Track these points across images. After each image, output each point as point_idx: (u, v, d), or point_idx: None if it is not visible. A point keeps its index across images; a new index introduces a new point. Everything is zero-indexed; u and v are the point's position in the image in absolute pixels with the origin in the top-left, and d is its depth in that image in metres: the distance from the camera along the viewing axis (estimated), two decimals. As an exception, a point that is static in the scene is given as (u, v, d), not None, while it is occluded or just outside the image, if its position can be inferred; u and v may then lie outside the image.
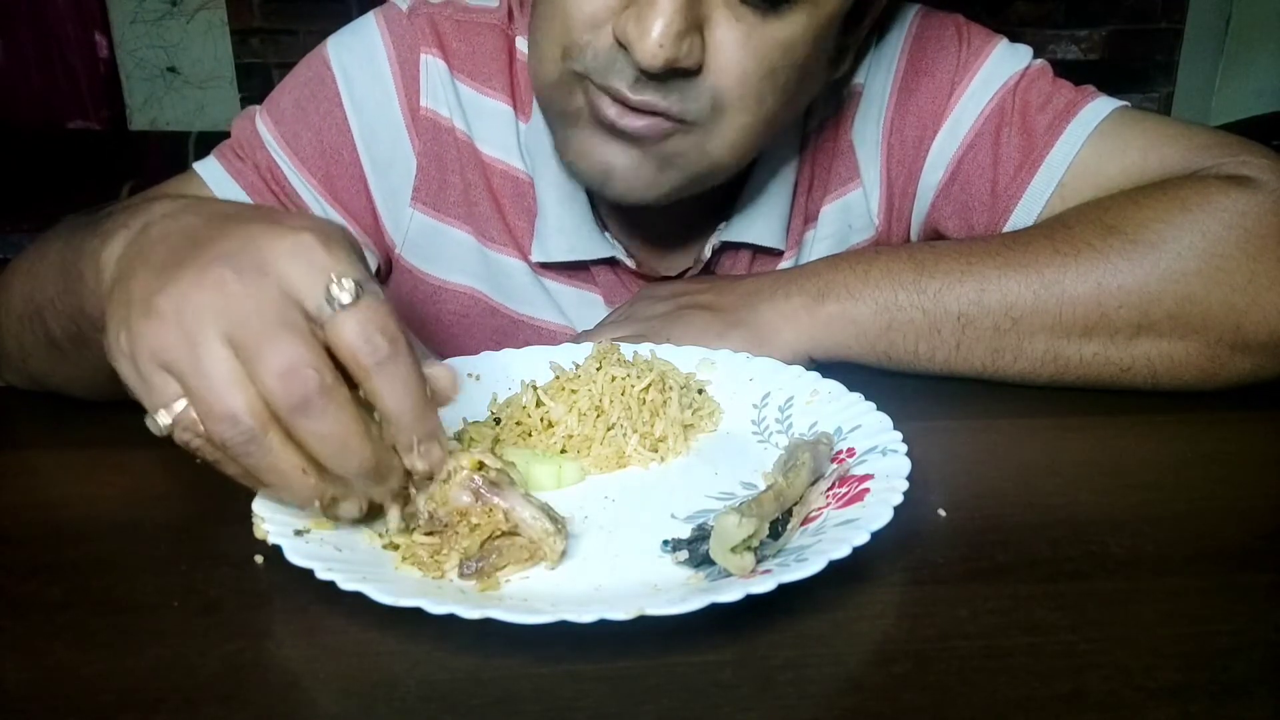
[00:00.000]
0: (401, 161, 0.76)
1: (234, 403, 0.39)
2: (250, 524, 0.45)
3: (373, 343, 0.40)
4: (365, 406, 0.41)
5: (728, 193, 0.76)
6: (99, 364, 0.55)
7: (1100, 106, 0.72)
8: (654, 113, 0.61)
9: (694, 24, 0.58)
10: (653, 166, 0.64)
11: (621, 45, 0.59)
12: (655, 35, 0.57)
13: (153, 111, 2.53)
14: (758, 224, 0.76)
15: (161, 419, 0.40)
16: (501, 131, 0.76)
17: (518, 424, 0.56)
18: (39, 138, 2.42)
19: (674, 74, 0.59)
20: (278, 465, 0.40)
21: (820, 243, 0.80)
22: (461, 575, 0.43)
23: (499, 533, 0.44)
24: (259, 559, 0.45)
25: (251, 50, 2.48)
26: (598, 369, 0.58)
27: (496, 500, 0.45)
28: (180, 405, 0.40)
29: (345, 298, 0.40)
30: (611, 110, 0.61)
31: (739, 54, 0.60)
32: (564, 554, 0.45)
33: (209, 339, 0.39)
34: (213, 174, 0.75)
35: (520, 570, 0.44)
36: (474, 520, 0.44)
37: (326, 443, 0.40)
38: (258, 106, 0.77)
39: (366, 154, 0.75)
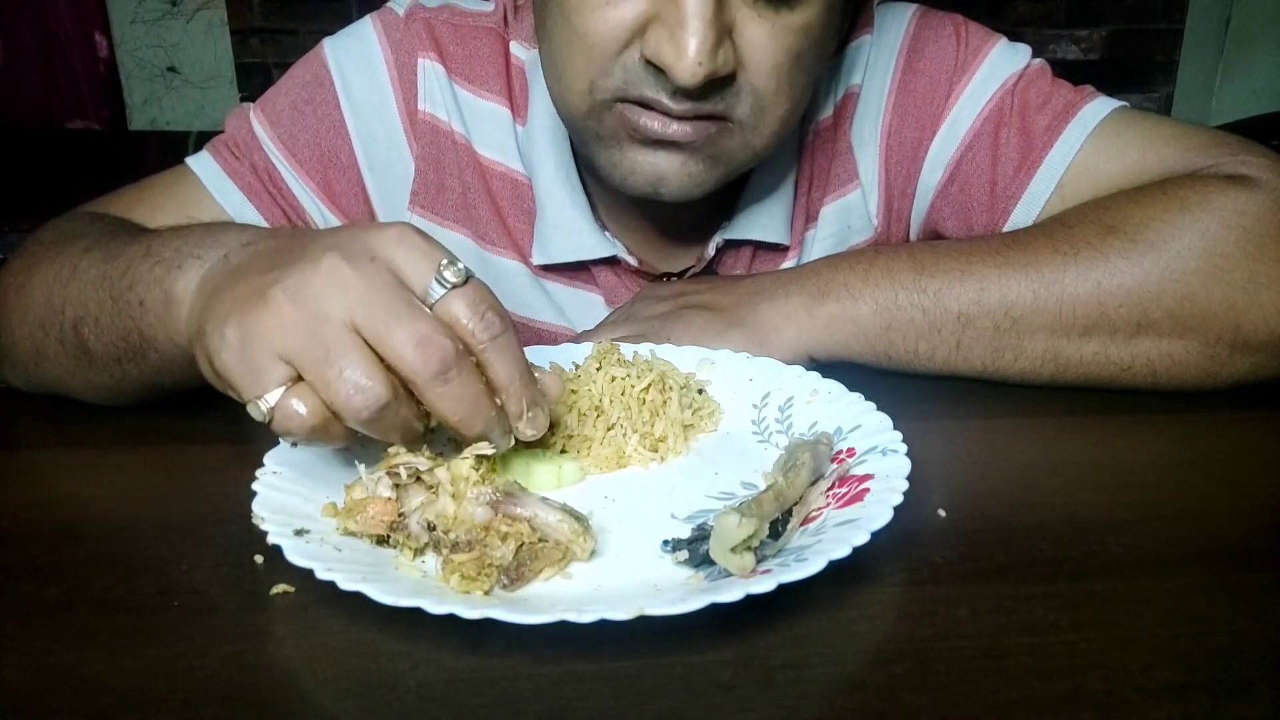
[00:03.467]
0: (399, 165, 0.76)
1: (367, 373, 0.41)
2: (250, 524, 0.45)
3: (486, 319, 0.44)
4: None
5: (729, 192, 0.76)
6: (134, 376, 0.58)
7: (1099, 107, 0.71)
8: (699, 117, 0.62)
9: (723, 33, 0.59)
10: (702, 166, 0.65)
11: (653, 64, 0.59)
12: (692, 54, 0.57)
13: (153, 111, 2.53)
14: (760, 221, 0.76)
15: (265, 404, 0.43)
16: (499, 134, 0.76)
17: (518, 424, 0.56)
18: (39, 138, 2.42)
19: (712, 83, 0.60)
20: (408, 423, 0.44)
21: (820, 243, 0.80)
22: (502, 586, 0.43)
23: (526, 541, 0.44)
24: (259, 559, 0.45)
25: (251, 50, 2.48)
26: (598, 369, 0.58)
27: (518, 510, 0.45)
28: (279, 392, 0.42)
29: (455, 279, 0.43)
30: (655, 124, 0.62)
31: (770, 49, 0.61)
32: (594, 551, 0.45)
33: (332, 319, 0.41)
34: (208, 171, 0.74)
35: (555, 571, 0.44)
36: (503, 530, 0.44)
37: (462, 404, 0.43)
38: (251, 104, 0.76)
39: (364, 157, 0.75)
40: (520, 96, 0.76)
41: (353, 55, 0.75)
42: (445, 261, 0.43)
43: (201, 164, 0.75)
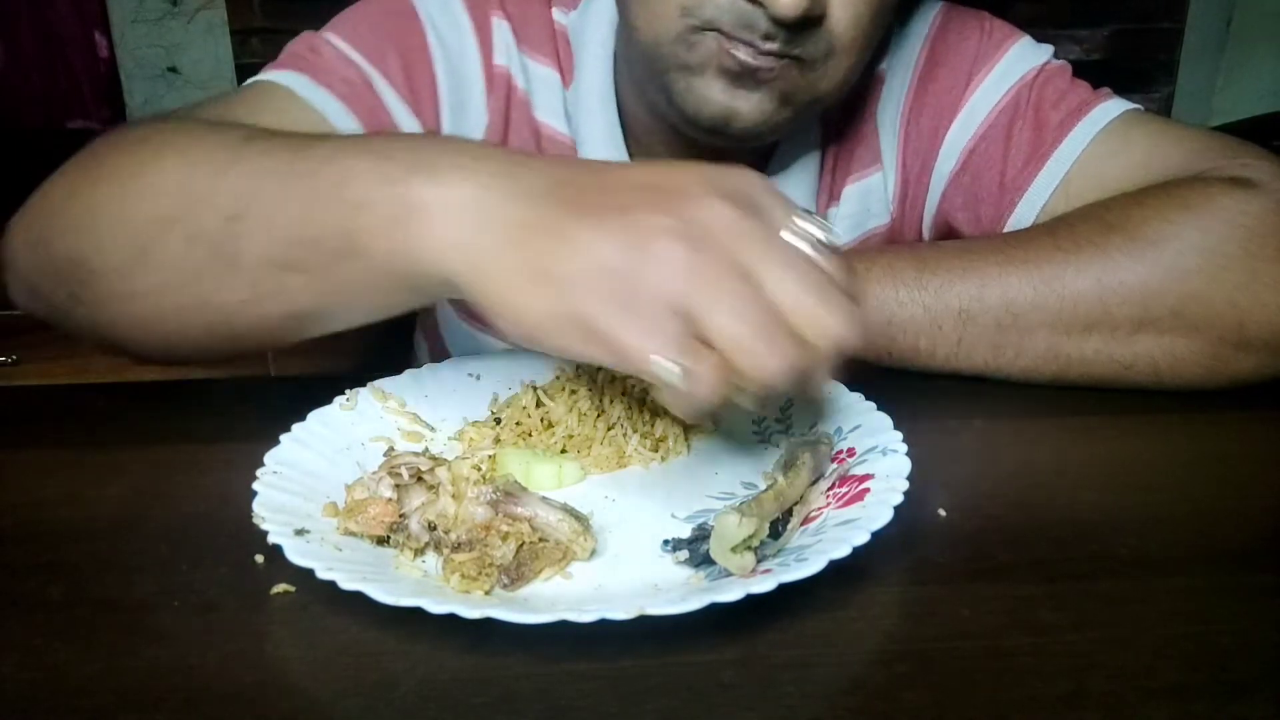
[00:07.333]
0: (475, 114, 0.76)
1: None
2: (250, 524, 0.45)
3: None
4: None
5: (756, 164, 0.76)
6: (292, 292, 0.48)
7: (1112, 107, 0.72)
8: (784, 57, 0.63)
9: None
10: (773, 105, 0.66)
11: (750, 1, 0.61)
12: None
13: (153, 111, 2.53)
14: (787, 193, 0.77)
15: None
16: (551, 97, 0.77)
17: (518, 424, 0.56)
18: (39, 138, 2.42)
19: (803, 24, 0.61)
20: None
21: (840, 222, 0.81)
22: (502, 586, 0.43)
23: (526, 540, 0.44)
24: (259, 559, 0.45)
25: (251, 50, 2.48)
26: (598, 368, 0.58)
27: (518, 510, 0.45)
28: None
29: (818, 234, 0.43)
30: (744, 53, 0.63)
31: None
32: (594, 551, 0.45)
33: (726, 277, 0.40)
34: (297, 82, 0.69)
35: (555, 571, 0.44)
36: (503, 529, 0.44)
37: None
38: (313, 32, 0.73)
39: (447, 96, 0.74)
40: (566, 60, 0.77)
41: (435, 2, 0.75)
42: (791, 223, 0.42)
43: (285, 78, 0.69)
